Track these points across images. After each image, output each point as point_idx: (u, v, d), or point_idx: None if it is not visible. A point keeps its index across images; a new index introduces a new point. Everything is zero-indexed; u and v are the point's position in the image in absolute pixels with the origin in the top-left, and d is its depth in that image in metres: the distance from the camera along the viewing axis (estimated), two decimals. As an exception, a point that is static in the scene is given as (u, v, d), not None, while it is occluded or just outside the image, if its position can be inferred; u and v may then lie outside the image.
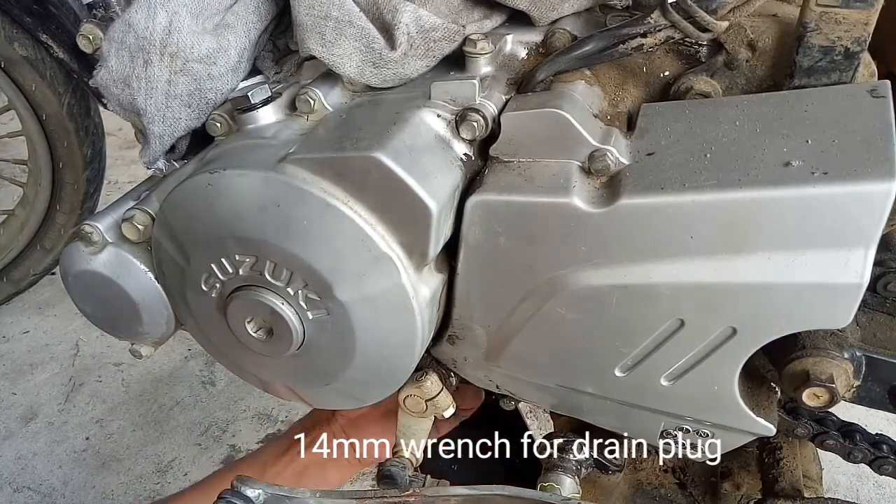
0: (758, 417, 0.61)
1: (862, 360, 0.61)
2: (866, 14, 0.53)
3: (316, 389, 0.66)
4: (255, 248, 0.56)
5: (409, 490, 0.65)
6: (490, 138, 0.58)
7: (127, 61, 0.58)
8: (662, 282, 0.54)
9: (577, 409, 0.67)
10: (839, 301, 0.51)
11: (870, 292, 0.65)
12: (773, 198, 0.49)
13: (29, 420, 1.58)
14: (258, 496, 0.58)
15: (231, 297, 0.59)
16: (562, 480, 0.68)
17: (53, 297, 1.93)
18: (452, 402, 0.71)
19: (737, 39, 0.59)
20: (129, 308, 0.64)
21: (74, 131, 1.56)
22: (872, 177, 0.47)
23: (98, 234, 0.61)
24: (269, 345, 0.61)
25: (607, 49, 0.58)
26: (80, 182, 1.64)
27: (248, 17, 0.61)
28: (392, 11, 0.59)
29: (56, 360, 1.74)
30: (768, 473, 0.82)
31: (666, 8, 0.55)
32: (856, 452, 0.77)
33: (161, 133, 0.60)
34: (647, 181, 0.52)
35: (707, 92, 0.61)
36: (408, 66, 0.60)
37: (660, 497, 0.88)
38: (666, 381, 0.60)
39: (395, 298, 0.56)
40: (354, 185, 0.53)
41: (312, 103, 0.59)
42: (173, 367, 1.70)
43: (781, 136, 0.52)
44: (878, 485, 1.38)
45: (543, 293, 0.58)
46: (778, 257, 0.51)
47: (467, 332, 0.64)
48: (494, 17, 0.65)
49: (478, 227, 0.57)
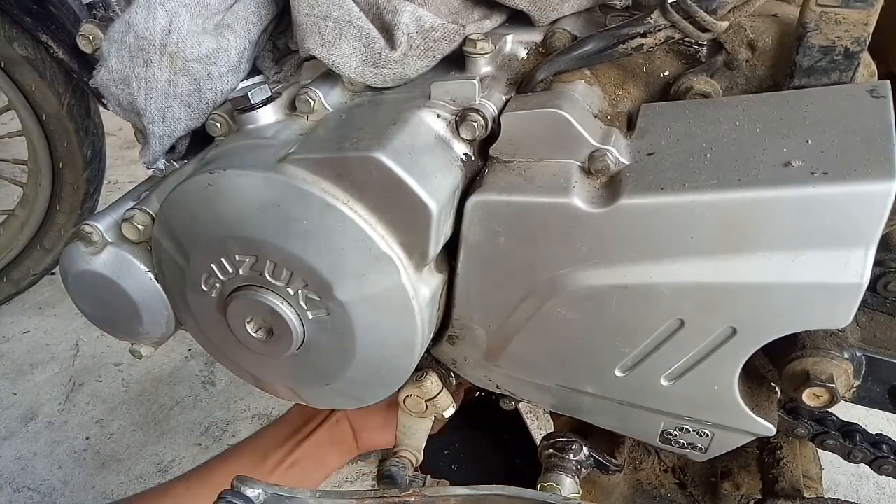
0: (758, 417, 0.61)
1: (862, 360, 0.61)
2: (866, 14, 0.53)
3: (316, 389, 0.66)
4: (255, 248, 0.56)
5: (409, 490, 0.65)
6: (490, 138, 0.58)
7: (127, 61, 0.58)
8: (662, 282, 0.54)
9: (577, 409, 0.67)
10: (839, 301, 0.51)
11: (870, 292, 0.65)
12: (773, 198, 0.49)
13: (29, 420, 1.58)
14: (258, 496, 0.58)
15: (231, 297, 0.59)
16: (562, 480, 0.68)
17: (53, 297, 1.92)
18: (452, 402, 0.71)
19: (737, 39, 0.59)
20: (129, 308, 0.64)
21: (74, 131, 1.56)
22: (872, 177, 0.47)
23: (98, 234, 0.61)
24: (269, 345, 0.61)
25: (607, 49, 0.58)
26: (80, 182, 1.64)
27: (248, 17, 0.61)
28: (392, 11, 0.59)
29: (56, 360, 1.74)
30: (768, 473, 0.82)
31: (666, 8, 0.55)
32: (856, 452, 0.77)
33: (161, 133, 0.60)
34: (647, 181, 0.52)
35: (707, 92, 0.61)
36: (408, 66, 0.60)
37: (660, 497, 0.88)
38: (666, 381, 0.60)
39: (395, 298, 0.56)
40: (354, 185, 0.53)
41: (312, 103, 0.59)
42: (173, 367, 1.70)
43: (781, 136, 0.52)
44: (878, 485, 1.38)
45: (543, 293, 0.58)
46: (778, 257, 0.51)
47: (467, 332, 0.64)
48: (494, 17, 0.65)
49: (478, 227, 0.57)
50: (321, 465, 0.87)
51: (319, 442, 0.86)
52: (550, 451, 0.71)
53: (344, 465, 0.91)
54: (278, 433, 0.87)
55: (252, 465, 0.83)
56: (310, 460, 0.86)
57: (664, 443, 0.66)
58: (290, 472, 0.84)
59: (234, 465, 0.84)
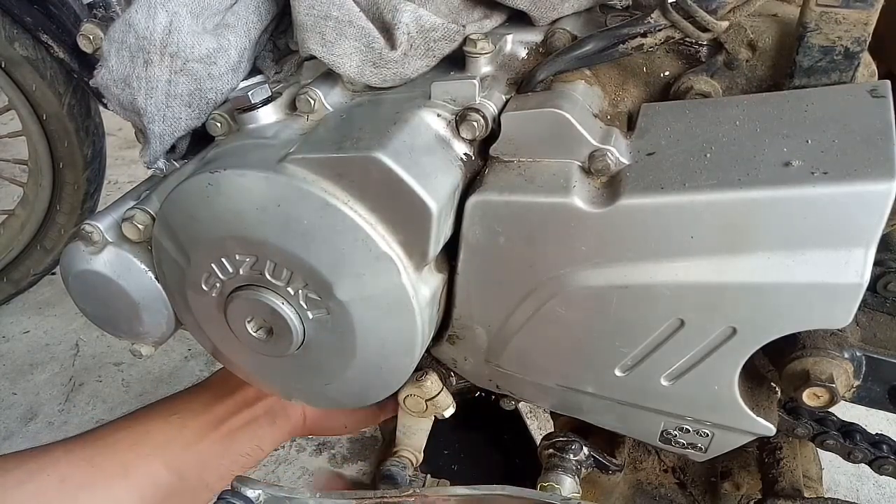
0: (758, 417, 0.61)
1: (862, 360, 0.61)
2: (866, 14, 0.53)
3: (316, 389, 0.66)
4: (256, 248, 0.56)
5: (409, 490, 0.65)
6: (490, 138, 0.58)
7: (127, 61, 0.58)
8: (662, 282, 0.54)
9: (577, 409, 0.67)
10: (839, 301, 0.51)
11: (870, 292, 0.65)
12: (773, 198, 0.49)
13: (29, 420, 1.58)
14: (258, 496, 0.58)
15: (231, 296, 0.59)
16: (562, 480, 0.68)
17: (53, 297, 1.92)
18: (452, 401, 0.71)
19: (737, 39, 0.59)
20: (129, 308, 0.64)
21: (75, 131, 1.56)
22: (872, 177, 0.47)
23: (98, 233, 0.61)
24: (269, 344, 0.61)
25: (607, 49, 0.58)
26: (80, 182, 1.64)
27: (249, 17, 0.61)
28: (392, 11, 0.59)
29: (56, 360, 1.74)
30: (768, 473, 0.82)
31: (666, 8, 0.55)
32: (856, 452, 0.77)
33: (161, 133, 0.60)
34: (647, 181, 0.52)
35: (707, 92, 0.61)
36: (408, 66, 0.60)
37: (660, 497, 0.88)
38: (666, 381, 0.60)
39: (395, 298, 0.56)
40: (355, 184, 0.53)
41: (313, 103, 0.59)
42: (173, 367, 1.70)
43: (781, 136, 0.52)
44: (878, 485, 1.38)
45: (543, 293, 0.58)
46: (778, 257, 0.51)
47: (467, 331, 0.64)
48: (494, 17, 0.65)
49: (478, 226, 0.57)
50: (255, 439, 0.75)
51: (255, 415, 0.75)
52: (550, 451, 0.71)
53: (280, 445, 0.79)
54: (200, 399, 0.75)
55: (168, 431, 0.71)
56: (245, 433, 0.74)
57: (664, 443, 0.66)
58: (221, 444, 0.72)
59: (142, 427, 0.71)
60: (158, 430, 0.71)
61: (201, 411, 0.74)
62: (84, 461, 0.67)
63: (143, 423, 0.72)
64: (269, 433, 0.76)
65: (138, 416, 0.73)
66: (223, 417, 0.74)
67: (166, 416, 0.72)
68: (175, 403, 0.75)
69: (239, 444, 0.74)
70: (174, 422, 0.72)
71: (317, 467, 1.46)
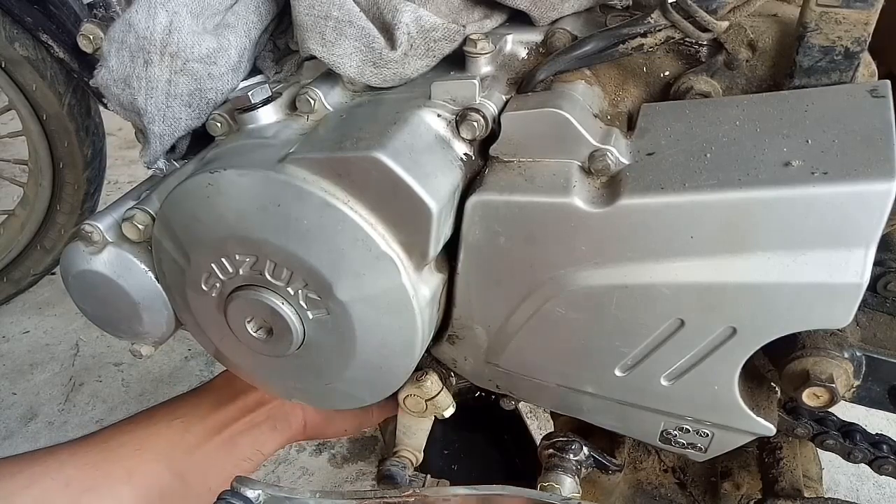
0: (758, 417, 0.61)
1: (862, 360, 0.61)
2: (866, 14, 0.53)
3: (316, 389, 0.66)
4: (256, 248, 0.56)
5: (409, 490, 0.65)
6: (490, 138, 0.58)
7: (127, 61, 0.58)
8: (662, 282, 0.54)
9: (577, 409, 0.67)
10: (839, 301, 0.51)
11: (870, 292, 0.65)
12: (773, 198, 0.49)
13: (29, 420, 1.58)
14: (258, 496, 0.58)
15: (231, 296, 0.59)
16: (562, 480, 0.68)
17: (53, 297, 1.92)
18: (452, 401, 0.71)
19: (737, 39, 0.59)
20: (129, 308, 0.64)
21: (75, 131, 1.56)
22: (872, 177, 0.47)
23: (98, 233, 0.61)
24: (269, 344, 0.61)
25: (607, 49, 0.58)
26: (80, 182, 1.64)
27: (249, 17, 0.61)
28: (392, 11, 0.59)
29: (56, 360, 1.74)
30: (768, 473, 0.82)
31: (666, 8, 0.55)
32: (856, 452, 0.77)
33: (161, 133, 0.61)
34: (647, 181, 0.52)
35: (707, 92, 0.61)
36: (408, 66, 0.60)
37: (660, 497, 0.88)
38: (666, 381, 0.60)
39: (395, 298, 0.56)
40: (355, 184, 0.53)
41: (313, 103, 0.59)
42: (173, 367, 1.70)
43: (781, 136, 0.52)
44: (878, 485, 1.38)
45: (543, 293, 0.58)
46: (778, 257, 0.51)
47: (467, 332, 0.64)
48: (494, 17, 0.65)
49: (478, 226, 0.57)
50: (256, 443, 0.75)
51: (257, 420, 0.75)
52: (550, 451, 0.71)
53: (280, 448, 0.79)
54: (203, 403, 0.75)
55: (171, 435, 0.71)
56: (246, 438, 0.75)
57: (664, 443, 0.66)
58: (223, 449, 0.73)
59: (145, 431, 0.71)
60: (162, 434, 0.72)
61: (204, 416, 0.74)
62: (88, 465, 0.68)
63: (147, 426, 0.72)
64: (271, 438, 0.77)
65: (141, 419, 0.74)
66: (225, 422, 0.74)
67: (169, 420, 0.73)
68: (178, 407, 0.75)
69: (241, 448, 0.74)
70: (177, 426, 0.72)
71: (317, 468, 1.46)
